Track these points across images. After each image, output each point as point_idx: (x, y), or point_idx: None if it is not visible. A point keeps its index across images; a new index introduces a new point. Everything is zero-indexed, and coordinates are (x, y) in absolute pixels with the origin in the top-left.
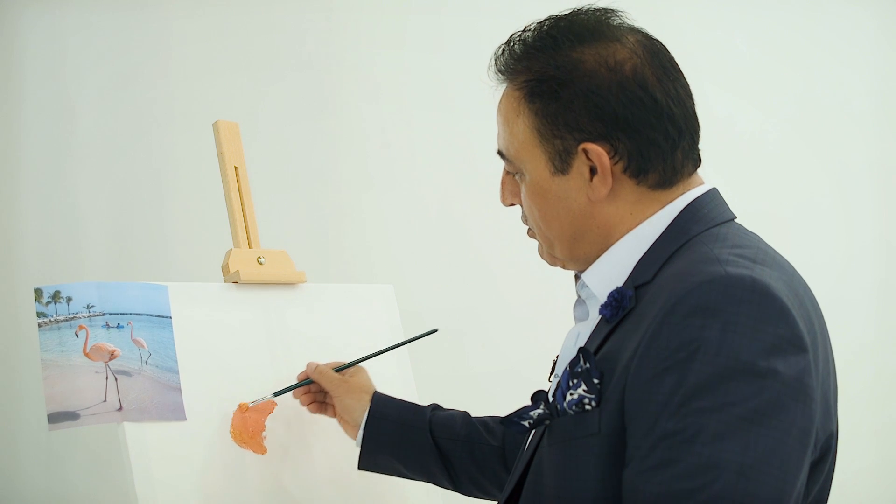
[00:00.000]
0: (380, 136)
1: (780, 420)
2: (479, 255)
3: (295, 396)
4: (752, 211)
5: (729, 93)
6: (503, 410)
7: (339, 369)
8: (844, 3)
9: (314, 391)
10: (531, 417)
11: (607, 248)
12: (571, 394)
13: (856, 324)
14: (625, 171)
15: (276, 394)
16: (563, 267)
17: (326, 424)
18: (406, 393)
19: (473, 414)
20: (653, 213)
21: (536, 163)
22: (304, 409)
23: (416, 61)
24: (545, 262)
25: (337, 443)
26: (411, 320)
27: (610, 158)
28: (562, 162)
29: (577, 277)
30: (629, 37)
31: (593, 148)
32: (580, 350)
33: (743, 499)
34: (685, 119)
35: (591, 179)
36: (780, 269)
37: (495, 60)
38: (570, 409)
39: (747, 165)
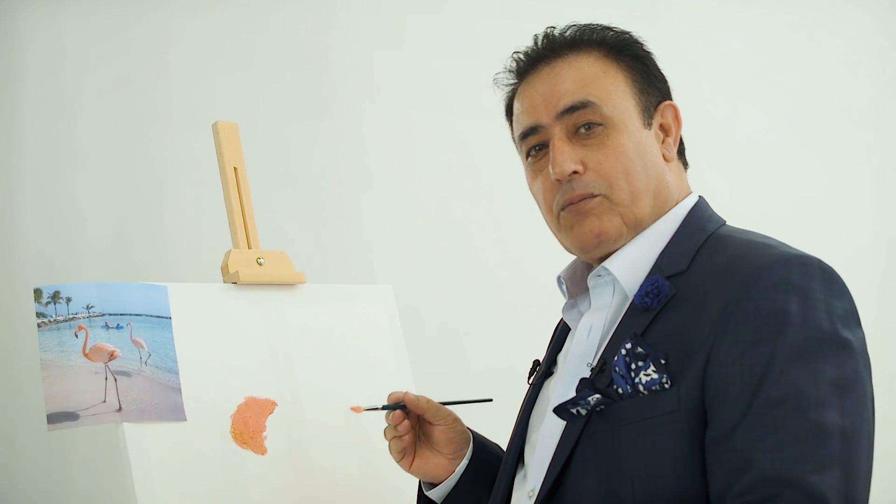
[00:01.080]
0: (379, 137)
1: (861, 386)
2: (478, 255)
3: (394, 422)
4: (750, 211)
5: (728, 94)
6: (502, 409)
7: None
8: (844, 4)
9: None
10: (588, 404)
11: (660, 217)
12: (646, 374)
13: None
14: (675, 142)
15: (385, 408)
16: (590, 250)
17: (326, 424)
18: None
19: (471, 410)
20: (683, 197)
21: (632, 114)
22: (304, 408)
23: (415, 62)
24: (595, 236)
25: (337, 443)
26: (411, 320)
27: None
28: (648, 117)
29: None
30: None
31: (673, 106)
32: (636, 337)
33: (849, 460)
34: None
35: (663, 141)
36: None
37: (548, 37)
38: (649, 389)
39: (746, 166)
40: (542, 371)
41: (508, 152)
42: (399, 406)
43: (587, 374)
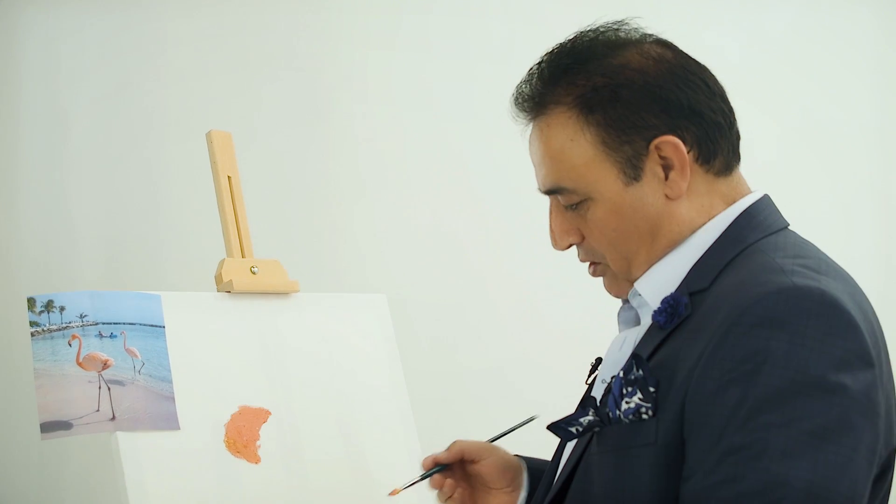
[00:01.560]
0: (372, 145)
1: (849, 437)
2: (471, 262)
3: (436, 487)
4: None
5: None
6: (496, 418)
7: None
8: (844, 4)
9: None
10: (581, 424)
11: (677, 245)
12: (627, 402)
13: None
14: (696, 159)
15: (424, 477)
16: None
17: (320, 433)
18: (399, 405)
19: (465, 419)
20: (720, 212)
21: (607, 179)
22: (298, 417)
23: (407, 69)
24: (615, 296)
25: (331, 452)
26: (404, 327)
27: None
28: (633, 168)
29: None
30: (647, 39)
31: (668, 140)
32: (634, 357)
33: None
34: (727, 99)
35: (667, 177)
36: (844, 280)
37: (520, 96)
38: (627, 417)
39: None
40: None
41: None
42: (436, 470)
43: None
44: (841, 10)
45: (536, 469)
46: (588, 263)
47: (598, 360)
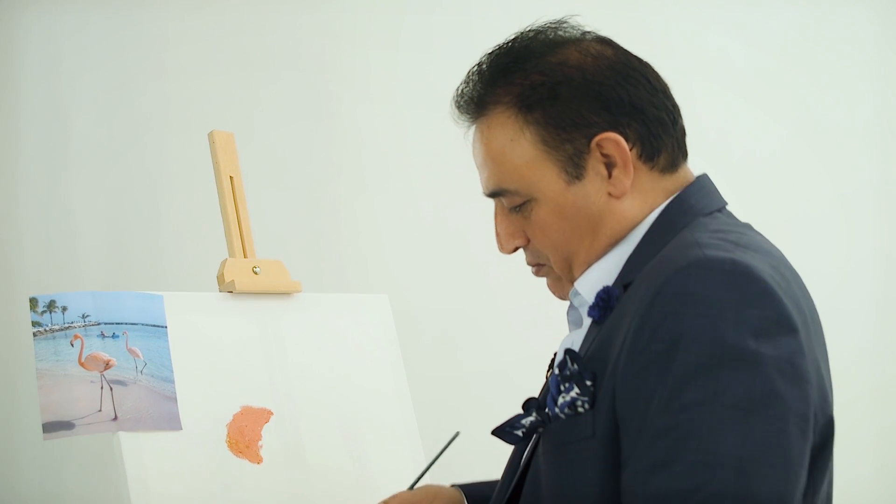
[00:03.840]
0: (375, 144)
1: (776, 407)
2: (475, 261)
3: None
4: (749, 219)
5: (723, 99)
6: (499, 420)
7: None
8: (844, 4)
9: None
10: (524, 426)
11: (618, 242)
12: (563, 397)
13: (854, 332)
14: (640, 156)
15: None
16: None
17: (322, 433)
18: (401, 405)
19: (469, 420)
20: (660, 204)
21: (549, 179)
22: (300, 417)
23: (410, 68)
24: (559, 298)
25: (333, 452)
26: (408, 327)
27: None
28: (575, 167)
29: None
30: (587, 36)
31: (609, 137)
32: (566, 351)
33: (745, 495)
34: (670, 95)
35: (610, 175)
36: (767, 254)
37: (461, 98)
38: (563, 412)
39: (742, 174)
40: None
41: None
42: None
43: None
44: (841, 10)
45: (476, 494)
46: (532, 266)
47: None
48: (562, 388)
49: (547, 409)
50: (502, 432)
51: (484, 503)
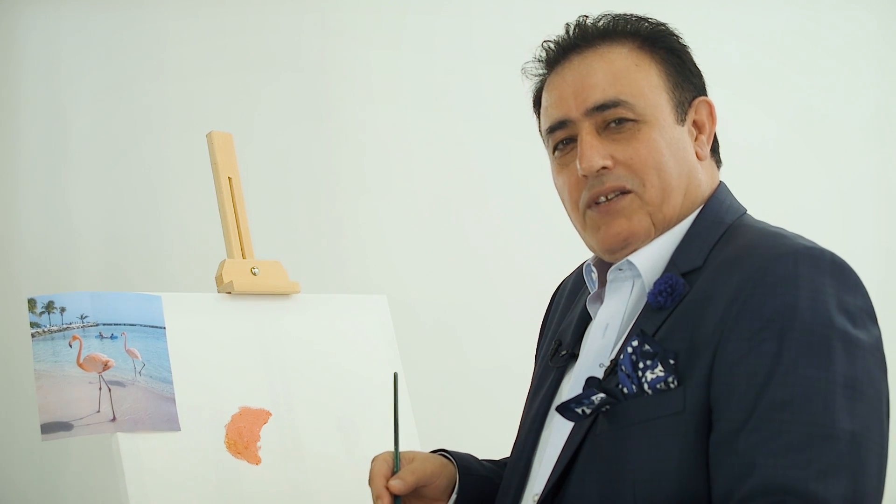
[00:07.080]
0: (374, 144)
1: (874, 388)
2: (475, 260)
3: None
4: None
5: (723, 97)
6: (501, 415)
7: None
8: (844, 4)
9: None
10: (592, 403)
11: (687, 215)
12: (650, 374)
13: None
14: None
15: None
16: (614, 252)
17: (321, 434)
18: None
19: (469, 420)
20: (708, 193)
21: (664, 109)
22: (298, 418)
23: (410, 69)
24: (619, 237)
25: (331, 452)
26: (407, 326)
27: None
28: (681, 112)
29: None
30: None
31: (709, 102)
32: (643, 334)
33: (857, 465)
34: None
35: (696, 138)
36: None
37: (581, 25)
38: (653, 387)
39: (742, 170)
40: (567, 355)
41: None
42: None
43: (599, 374)
44: (841, 10)
45: (464, 465)
46: (603, 199)
47: (559, 343)
48: (642, 365)
49: (622, 387)
50: (567, 409)
51: (467, 467)
